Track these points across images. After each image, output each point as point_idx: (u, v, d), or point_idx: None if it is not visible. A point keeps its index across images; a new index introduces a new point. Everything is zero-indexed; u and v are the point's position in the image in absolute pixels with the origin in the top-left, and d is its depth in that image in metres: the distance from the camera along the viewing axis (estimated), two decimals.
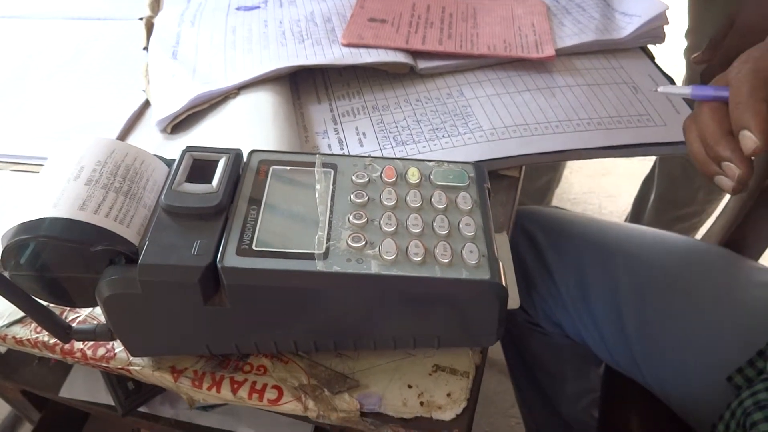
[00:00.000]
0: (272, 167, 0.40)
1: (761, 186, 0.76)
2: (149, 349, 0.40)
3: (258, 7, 0.67)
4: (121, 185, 0.36)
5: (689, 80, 0.97)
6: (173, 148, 0.53)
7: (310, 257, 0.34)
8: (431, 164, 0.41)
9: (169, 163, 0.40)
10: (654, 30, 0.61)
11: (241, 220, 0.36)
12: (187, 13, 0.67)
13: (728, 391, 0.57)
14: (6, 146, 0.56)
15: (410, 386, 0.38)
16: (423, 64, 0.58)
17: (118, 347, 0.41)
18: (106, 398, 0.58)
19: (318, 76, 0.60)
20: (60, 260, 0.35)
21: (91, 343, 0.42)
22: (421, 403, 0.37)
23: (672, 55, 0.93)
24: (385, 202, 0.38)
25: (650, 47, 0.63)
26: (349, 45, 0.59)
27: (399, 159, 0.41)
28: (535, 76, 0.58)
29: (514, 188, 0.50)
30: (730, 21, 0.68)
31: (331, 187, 0.39)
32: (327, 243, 0.35)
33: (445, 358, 0.39)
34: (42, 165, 0.38)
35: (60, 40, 0.70)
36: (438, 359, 0.39)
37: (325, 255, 0.35)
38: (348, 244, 0.35)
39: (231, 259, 0.34)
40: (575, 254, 0.70)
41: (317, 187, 0.39)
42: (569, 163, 1.56)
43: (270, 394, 0.38)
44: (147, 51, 0.64)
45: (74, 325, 0.39)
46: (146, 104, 0.60)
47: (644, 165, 1.26)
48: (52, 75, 0.64)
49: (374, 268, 0.34)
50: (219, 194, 0.36)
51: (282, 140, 0.49)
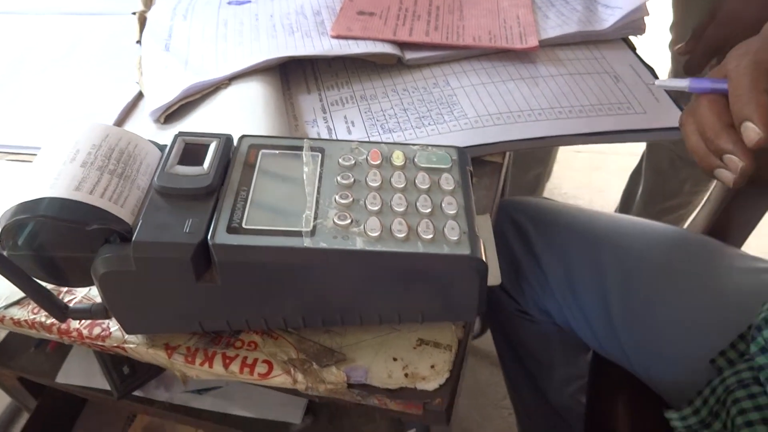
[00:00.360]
0: (262, 151, 0.41)
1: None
2: (143, 327, 0.41)
3: (249, 1, 0.69)
4: (116, 167, 0.38)
5: (674, 73, 0.98)
6: (166, 138, 0.53)
7: (298, 234, 0.36)
8: (415, 148, 0.42)
9: (162, 148, 0.42)
10: (635, 21, 0.62)
11: (232, 201, 0.37)
12: (180, 8, 0.69)
13: (711, 374, 0.59)
14: (1, 136, 0.57)
15: (395, 359, 0.39)
16: (410, 55, 0.60)
17: (113, 326, 0.43)
18: (102, 383, 0.59)
19: (308, 67, 0.61)
20: (57, 239, 0.36)
21: (87, 323, 0.43)
22: (406, 375, 0.38)
23: (657, 49, 0.95)
24: (371, 183, 0.39)
25: (636, 40, 0.65)
26: (338, 37, 0.61)
27: (384, 143, 0.43)
28: (519, 66, 0.59)
29: (498, 173, 0.52)
30: (712, 12, 0.70)
31: (319, 170, 0.40)
32: (314, 221, 0.37)
33: (429, 333, 0.40)
34: (36, 155, 0.39)
35: (55, 35, 0.71)
36: (422, 333, 0.40)
37: (312, 232, 0.36)
38: (334, 222, 0.37)
39: (222, 237, 0.35)
40: (563, 243, 0.71)
41: (305, 170, 0.40)
42: (560, 159, 1.57)
43: (260, 369, 0.40)
44: (140, 44, 0.66)
45: (71, 305, 0.40)
46: (139, 96, 0.61)
47: (634, 160, 1.28)
48: (47, 68, 0.66)
49: (359, 245, 0.36)
50: (210, 176, 0.38)
51: (272, 129, 0.51)
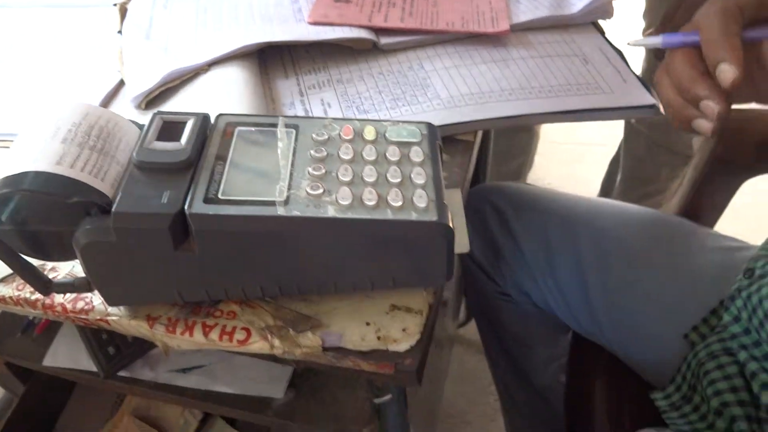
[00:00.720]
0: (238, 128, 0.43)
1: (713, 156, 0.81)
2: (125, 298, 0.42)
3: None
4: (95, 143, 0.39)
5: (648, 59, 1.01)
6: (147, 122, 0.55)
7: (272, 204, 0.38)
8: (386, 123, 0.44)
9: (141, 127, 0.43)
10: (603, 6, 0.64)
11: (208, 174, 0.39)
12: None
13: (685, 349, 0.61)
14: None
15: (368, 324, 0.41)
16: (385, 40, 0.62)
17: (96, 300, 0.44)
18: (88, 364, 0.60)
19: (285, 53, 0.63)
20: (39, 213, 0.38)
21: (71, 297, 0.44)
22: (378, 338, 0.40)
23: (632, 36, 0.97)
24: (343, 156, 0.41)
25: (610, 29, 0.67)
26: (315, 23, 0.62)
27: (357, 119, 0.44)
28: (491, 50, 0.61)
29: (470, 151, 0.54)
30: None
31: (293, 145, 0.42)
32: (288, 192, 0.38)
33: (401, 299, 0.42)
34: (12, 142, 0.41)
35: (37, 27, 0.72)
36: (394, 300, 0.42)
37: (286, 202, 0.38)
38: (307, 192, 0.38)
39: (198, 207, 0.37)
40: (541, 225, 0.73)
41: (280, 145, 0.42)
42: (542, 151, 1.60)
43: (239, 335, 0.41)
44: (121, 35, 0.67)
45: (54, 279, 0.42)
46: (121, 84, 0.63)
47: (615, 151, 1.30)
48: (29, 59, 0.67)
49: (331, 212, 0.37)
50: (187, 150, 0.39)
51: (250, 111, 0.52)
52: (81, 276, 0.41)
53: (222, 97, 0.54)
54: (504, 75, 0.58)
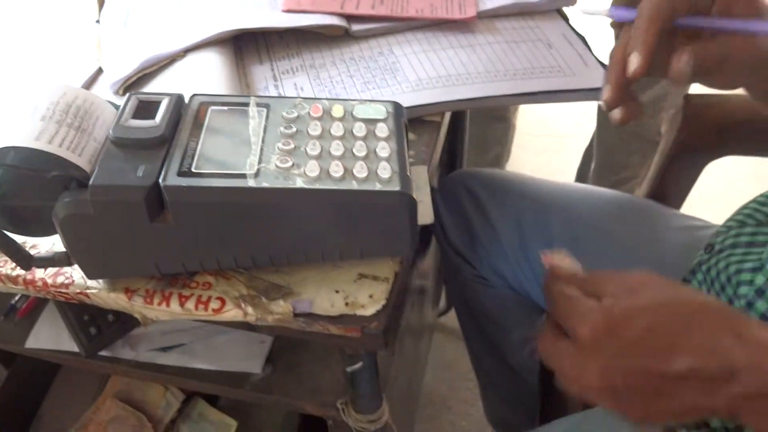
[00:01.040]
0: (211, 107, 0.45)
1: (677, 141, 0.84)
2: (104, 271, 0.44)
3: None
4: (73, 121, 0.41)
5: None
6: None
7: (243, 177, 0.40)
8: (354, 102, 0.46)
9: (118, 107, 0.45)
10: None
11: (182, 149, 0.41)
12: None
13: None
14: None
15: (337, 291, 0.43)
16: (356, 27, 0.64)
17: (76, 275, 0.46)
18: (71, 346, 0.62)
19: (260, 39, 0.65)
20: (19, 188, 0.39)
21: (51, 272, 0.46)
22: (347, 304, 0.42)
23: (603, 26, 1.00)
24: (311, 133, 0.43)
25: (577, 17, 0.69)
26: (289, 11, 0.64)
27: (326, 99, 0.47)
28: (459, 36, 0.64)
29: (437, 131, 0.56)
30: None
31: (264, 122, 0.44)
32: (258, 165, 0.40)
33: (369, 268, 0.44)
34: None
35: (15, 16, 0.73)
36: (362, 269, 0.44)
37: (257, 174, 0.40)
38: (276, 165, 0.40)
39: (172, 179, 0.39)
40: (515, 209, 0.76)
41: (251, 122, 0.44)
42: (520, 142, 1.62)
43: (214, 305, 0.43)
44: (99, 23, 0.69)
45: (34, 254, 0.43)
46: (99, 71, 0.64)
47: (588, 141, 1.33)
48: (7, 49, 0.68)
49: (299, 183, 0.39)
50: (161, 127, 0.41)
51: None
52: (61, 251, 0.43)
53: (198, 82, 0.56)
54: (470, 59, 0.60)
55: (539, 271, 0.76)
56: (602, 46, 1.06)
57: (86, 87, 0.63)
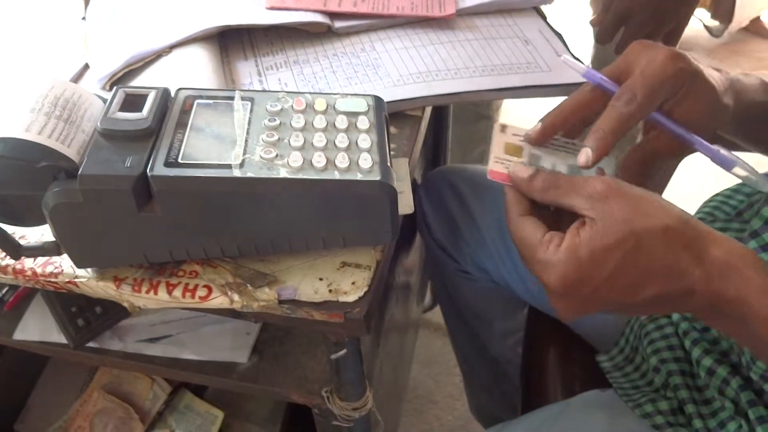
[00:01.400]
0: (197, 101, 0.46)
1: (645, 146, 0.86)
2: (93, 260, 0.45)
3: None
4: (62, 113, 0.42)
5: (595, 47, 1.06)
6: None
7: (228, 167, 0.41)
8: (336, 96, 0.48)
9: (105, 101, 0.46)
10: None
11: (169, 141, 0.42)
12: None
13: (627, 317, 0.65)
14: None
15: (321, 279, 0.45)
16: (339, 24, 0.65)
17: (65, 264, 0.47)
18: (59, 338, 0.62)
19: (245, 36, 0.66)
20: (8, 178, 0.40)
21: (41, 262, 0.47)
22: (330, 291, 0.44)
23: (582, 25, 1.02)
24: (295, 125, 0.45)
25: (557, 18, 0.71)
26: (273, 8, 0.65)
27: (309, 93, 0.48)
28: (439, 32, 0.65)
29: (418, 125, 0.58)
30: None
31: (248, 115, 0.45)
32: (243, 156, 0.42)
33: (352, 256, 0.46)
34: None
35: (3, 14, 0.74)
36: (345, 257, 0.46)
37: (241, 165, 0.41)
38: (261, 156, 0.42)
39: (159, 169, 0.40)
40: (495, 203, 0.78)
41: (236, 115, 0.45)
42: None
43: (201, 292, 0.44)
44: (85, 20, 0.69)
45: (24, 243, 0.44)
46: (86, 67, 0.65)
47: None
48: None
49: (282, 174, 0.41)
50: (148, 120, 0.42)
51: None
52: (50, 240, 0.44)
53: (183, 78, 0.57)
54: (450, 55, 0.62)
55: (519, 264, 0.77)
56: (578, 43, 1.09)
57: (73, 82, 0.64)
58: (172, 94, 0.46)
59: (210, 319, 0.63)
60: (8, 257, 0.45)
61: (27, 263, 0.47)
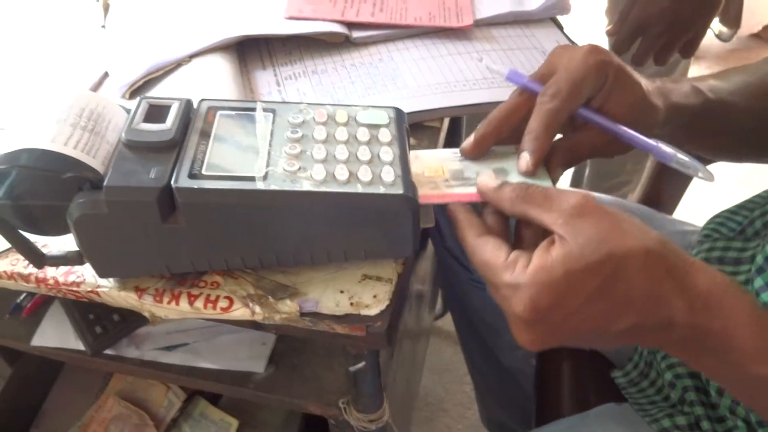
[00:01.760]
0: (219, 112, 0.46)
1: None
2: (115, 270, 0.45)
3: None
4: (87, 124, 0.42)
5: None
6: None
7: (252, 179, 0.41)
8: (357, 108, 0.48)
9: (128, 111, 0.46)
10: (561, 2, 0.69)
11: (192, 152, 0.42)
12: None
13: None
14: None
15: (342, 291, 0.45)
16: (357, 34, 0.65)
17: (87, 273, 0.47)
18: (76, 344, 0.63)
19: (263, 46, 0.66)
20: (34, 188, 0.41)
21: (63, 271, 0.47)
22: (351, 304, 0.44)
23: (597, 34, 1.02)
24: (317, 137, 0.45)
25: (573, 26, 0.71)
26: (291, 18, 0.66)
27: (330, 104, 0.48)
28: (456, 43, 0.65)
29: (437, 136, 0.58)
30: None
31: (271, 127, 0.45)
32: (266, 168, 0.42)
33: (373, 269, 0.46)
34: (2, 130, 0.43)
35: (23, 22, 0.75)
36: (366, 270, 0.46)
37: (265, 177, 0.41)
38: (284, 169, 0.42)
39: (183, 181, 0.40)
40: None
41: (258, 127, 0.45)
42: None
43: (222, 303, 0.44)
44: (105, 29, 0.70)
45: (47, 252, 0.45)
46: (105, 76, 0.65)
47: None
48: (15, 53, 0.69)
49: (306, 186, 0.41)
50: (172, 131, 0.43)
51: (229, 99, 0.56)
52: (73, 250, 0.44)
53: (203, 87, 0.58)
54: (468, 66, 0.62)
55: None
56: None
57: (93, 91, 0.64)
58: (195, 105, 0.46)
59: (226, 329, 0.63)
60: (31, 266, 0.46)
61: (49, 272, 0.47)
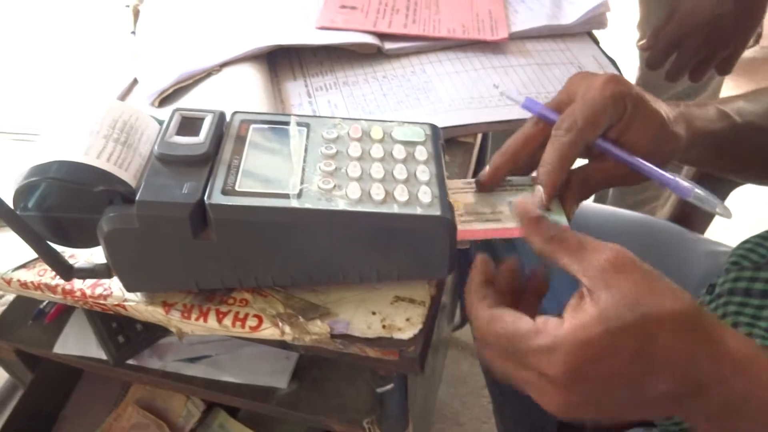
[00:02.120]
0: (252, 125, 0.45)
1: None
2: (144, 285, 0.45)
3: None
4: (119, 136, 0.41)
5: (641, 70, 1.04)
6: (161, 119, 0.58)
7: (286, 197, 0.40)
8: (392, 124, 0.47)
9: (161, 123, 0.45)
10: (598, 16, 0.67)
11: (225, 167, 0.41)
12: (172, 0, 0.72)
13: None
14: (5, 120, 0.61)
15: (374, 313, 0.43)
16: (389, 45, 0.64)
17: (114, 286, 0.46)
18: (98, 353, 0.62)
19: (294, 56, 0.65)
20: (65, 201, 0.40)
21: (90, 283, 0.46)
22: (384, 326, 0.42)
23: (626, 47, 1.00)
24: (352, 154, 0.44)
25: (605, 38, 0.69)
26: (322, 28, 0.65)
27: (364, 120, 0.47)
28: (491, 57, 0.64)
29: (470, 152, 0.56)
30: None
31: (305, 142, 0.44)
32: (300, 185, 0.41)
33: (405, 290, 0.45)
34: (37, 136, 0.43)
35: (55, 28, 0.74)
36: (399, 291, 0.44)
37: (299, 195, 0.40)
38: (319, 187, 0.41)
39: (217, 197, 0.39)
40: None
41: (292, 142, 0.44)
42: None
43: (251, 322, 0.43)
44: (134, 35, 0.70)
45: (75, 265, 0.44)
46: (134, 82, 0.65)
47: None
48: (48, 59, 0.69)
49: (341, 206, 0.40)
50: (205, 145, 0.42)
51: (260, 110, 0.55)
52: (101, 262, 0.44)
53: (233, 97, 0.57)
54: (502, 81, 0.61)
55: (559, 293, 0.75)
56: (632, 69, 1.07)
57: (122, 97, 0.64)
58: (228, 118, 0.46)
59: (249, 341, 0.62)
60: (58, 277, 0.45)
61: (76, 284, 0.47)
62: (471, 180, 0.46)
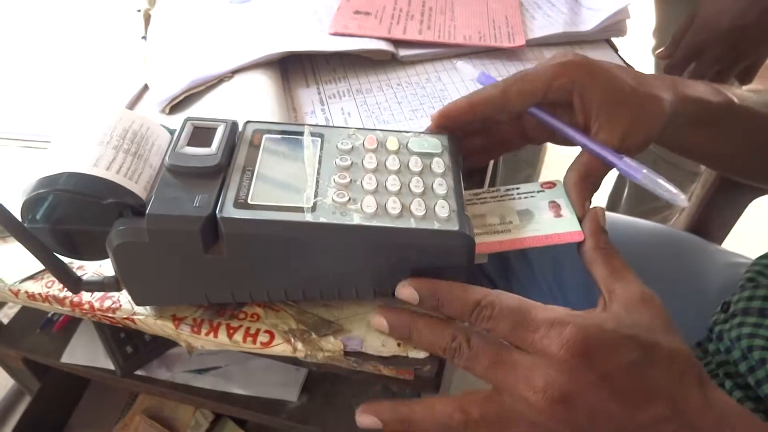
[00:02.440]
0: (265, 135, 0.44)
1: (720, 175, 0.82)
2: (153, 299, 0.43)
3: (250, 0, 0.72)
4: (130, 147, 0.40)
5: (658, 73, 1.02)
6: (172, 126, 0.57)
7: (300, 210, 0.39)
8: (408, 134, 0.45)
9: (172, 132, 0.44)
10: (617, 23, 0.66)
11: (238, 179, 0.40)
12: (184, 5, 0.72)
13: None
14: (13, 126, 0.60)
15: None
16: (404, 52, 0.63)
17: (123, 299, 0.45)
18: (106, 363, 0.61)
19: (306, 63, 0.64)
20: (74, 213, 0.39)
21: (98, 296, 0.45)
22: (398, 345, 0.41)
23: (642, 54, 0.99)
24: (367, 166, 0.42)
25: (621, 44, 0.68)
26: (336, 34, 0.64)
27: (380, 130, 0.46)
28: (507, 64, 0.63)
29: (486, 163, 0.55)
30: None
31: (319, 153, 0.43)
32: (315, 199, 0.40)
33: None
34: (46, 143, 0.42)
35: (64, 32, 0.74)
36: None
37: (313, 208, 0.39)
38: (333, 200, 0.40)
39: (229, 211, 0.38)
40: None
41: (306, 153, 0.43)
42: (550, 164, 1.61)
43: (263, 338, 0.42)
44: (145, 40, 0.69)
45: (84, 277, 0.43)
46: (145, 88, 0.64)
47: None
48: (57, 64, 0.68)
49: (356, 220, 0.39)
50: (218, 156, 0.41)
51: (272, 118, 0.54)
52: (110, 275, 0.43)
53: (245, 104, 0.56)
54: None
55: (573, 303, 0.74)
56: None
57: (132, 103, 0.63)
58: (240, 127, 0.45)
59: None
60: (66, 289, 0.44)
61: (84, 296, 0.46)
62: (478, 191, 0.46)
